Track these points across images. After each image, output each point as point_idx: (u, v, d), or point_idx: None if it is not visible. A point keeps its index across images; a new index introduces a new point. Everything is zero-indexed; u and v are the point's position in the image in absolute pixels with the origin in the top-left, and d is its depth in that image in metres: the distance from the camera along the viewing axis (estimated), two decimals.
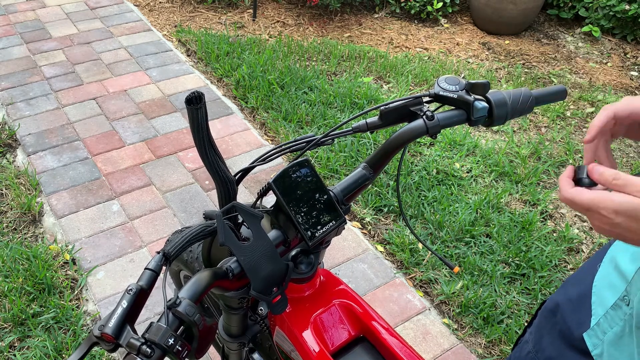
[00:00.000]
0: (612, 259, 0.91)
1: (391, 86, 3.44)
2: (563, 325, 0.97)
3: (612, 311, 0.87)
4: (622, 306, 0.85)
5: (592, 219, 0.69)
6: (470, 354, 1.92)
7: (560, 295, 1.01)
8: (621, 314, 0.85)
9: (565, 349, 0.96)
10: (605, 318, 0.88)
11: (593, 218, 0.69)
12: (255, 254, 0.72)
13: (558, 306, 1.00)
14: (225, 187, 0.80)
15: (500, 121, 0.82)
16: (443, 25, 4.36)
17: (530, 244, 2.32)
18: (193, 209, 2.44)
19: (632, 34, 4.12)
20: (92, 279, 2.10)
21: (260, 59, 3.45)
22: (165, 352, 0.60)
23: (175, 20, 4.13)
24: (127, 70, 3.43)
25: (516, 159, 2.83)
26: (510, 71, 3.76)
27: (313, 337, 0.88)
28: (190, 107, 0.69)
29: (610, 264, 0.91)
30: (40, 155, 2.70)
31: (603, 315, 0.88)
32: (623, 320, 0.84)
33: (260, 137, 2.93)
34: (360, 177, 0.87)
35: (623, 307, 0.85)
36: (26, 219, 2.35)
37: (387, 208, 2.47)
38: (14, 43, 3.63)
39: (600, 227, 0.69)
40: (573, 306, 0.96)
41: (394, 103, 0.81)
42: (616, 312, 0.86)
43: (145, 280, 0.66)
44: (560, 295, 1.02)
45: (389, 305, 2.07)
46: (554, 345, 0.99)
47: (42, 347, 1.83)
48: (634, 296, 0.82)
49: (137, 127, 2.94)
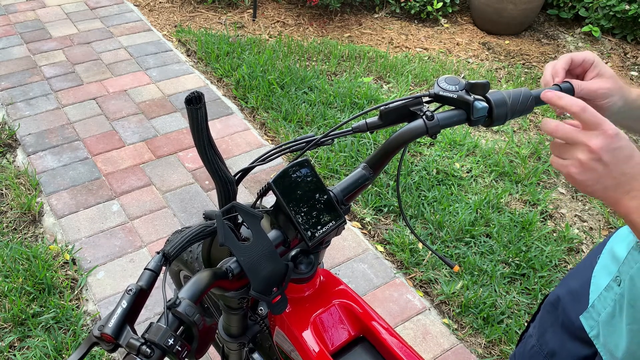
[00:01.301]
0: (610, 249, 0.92)
1: (391, 86, 3.44)
2: (565, 318, 0.99)
3: (605, 292, 0.89)
4: (613, 287, 0.87)
5: (574, 151, 0.67)
6: (470, 354, 1.92)
7: (562, 289, 1.03)
8: (612, 295, 0.87)
9: (567, 341, 0.97)
10: (599, 299, 0.90)
11: (576, 150, 0.67)
12: (255, 254, 0.72)
13: (559, 299, 1.02)
14: (225, 187, 0.80)
15: (500, 121, 0.82)
16: (443, 25, 4.36)
17: (530, 244, 2.32)
18: (193, 209, 2.44)
19: (632, 34, 4.12)
20: (92, 279, 2.10)
21: (260, 59, 3.45)
22: (165, 353, 0.60)
23: (175, 20, 4.13)
24: (127, 70, 3.43)
25: (516, 159, 2.83)
26: (510, 71, 3.76)
27: (313, 337, 0.88)
28: (190, 107, 0.69)
29: (608, 254, 0.92)
30: (40, 155, 2.70)
31: (597, 297, 0.90)
32: (614, 300, 0.86)
33: (260, 137, 2.93)
34: (360, 177, 0.87)
35: (615, 288, 0.87)
36: (26, 219, 2.35)
37: (387, 208, 2.47)
38: (14, 43, 3.63)
39: (578, 163, 0.67)
40: (573, 298, 0.97)
41: (393, 103, 0.81)
42: (608, 293, 0.88)
43: (145, 280, 0.66)
44: (561, 288, 1.04)
45: (389, 305, 2.07)
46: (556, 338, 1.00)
47: (42, 347, 1.83)
48: (625, 275, 0.84)
49: (137, 127, 2.94)
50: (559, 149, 0.70)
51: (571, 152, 0.68)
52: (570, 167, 0.68)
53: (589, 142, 0.65)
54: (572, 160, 0.68)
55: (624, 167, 0.65)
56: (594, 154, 0.65)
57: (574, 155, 0.68)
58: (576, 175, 0.68)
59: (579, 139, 0.66)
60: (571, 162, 0.68)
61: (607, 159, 0.65)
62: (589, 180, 0.67)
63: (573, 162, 0.68)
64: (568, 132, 0.68)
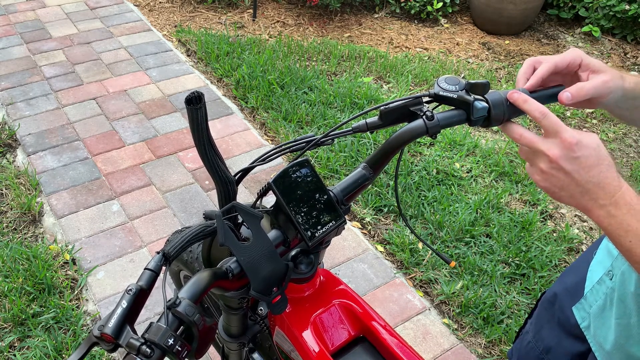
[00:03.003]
0: (606, 245, 0.93)
1: (391, 86, 3.44)
2: (561, 314, 1.00)
3: (597, 285, 0.90)
4: (606, 280, 0.88)
5: (536, 159, 0.67)
6: (470, 354, 1.92)
7: (559, 286, 1.04)
8: (604, 288, 0.88)
9: (563, 338, 0.98)
10: (592, 292, 0.91)
11: (538, 159, 0.67)
12: (255, 254, 0.72)
13: (556, 296, 1.03)
14: (225, 187, 0.80)
15: (497, 122, 0.82)
16: (443, 25, 4.36)
17: (530, 244, 2.32)
18: (193, 209, 2.44)
19: (632, 34, 4.12)
20: (92, 279, 2.10)
21: (260, 59, 3.45)
22: (165, 352, 0.60)
23: (175, 20, 4.13)
24: (127, 70, 3.43)
25: (516, 159, 2.83)
26: (510, 71, 3.76)
27: (313, 337, 0.88)
28: (190, 107, 0.69)
29: (605, 249, 0.93)
30: (40, 155, 2.70)
31: (590, 289, 0.91)
32: (605, 294, 0.87)
33: (260, 137, 2.93)
34: (360, 177, 0.87)
35: (607, 282, 0.87)
36: (26, 219, 2.35)
37: (387, 208, 2.47)
38: (14, 43, 3.63)
39: (539, 171, 0.67)
40: (569, 294, 0.98)
41: (393, 103, 0.81)
42: (601, 286, 0.89)
43: (145, 280, 0.66)
44: (558, 285, 1.05)
45: (389, 305, 2.07)
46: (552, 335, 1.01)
47: (42, 347, 1.83)
48: (617, 270, 0.84)
49: (137, 127, 2.94)
50: (526, 156, 0.70)
51: (534, 160, 0.68)
52: (534, 175, 0.69)
53: (548, 151, 0.66)
54: (535, 168, 0.69)
55: (586, 176, 0.64)
56: (553, 163, 0.65)
57: (536, 163, 0.68)
58: (540, 182, 0.68)
59: (539, 147, 0.67)
60: (534, 170, 0.69)
61: (568, 168, 0.65)
62: (553, 187, 0.67)
63: (536, 169, 0.68)
64: (529, 140, 0.68)
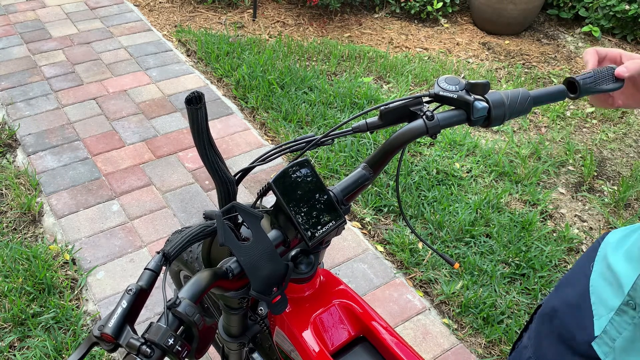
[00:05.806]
0: (604, 257, 0.90)
1: (391, 86, 3.44)
2: (563, 330, 0.96)
3: (617, 317, 0.86)
4: (627, 311, 0.84)
5: None
6: (470, 354, 1.92)
7: (556, 299, 1.00)
8: (628, 319, 0.84)
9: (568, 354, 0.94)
10: (612, 325, 0.87)
11: None
12: (255, 254, 0.72)
13: (556, 311, 0.98)
14: (225, 187, 0.80)
15: (497, 122, 0.82)
16: (443, 25, 4.36)
17: (530, 244, 2.32)
18: (193, 209, 2.44)
19: (632, 34, 4.12)
20: (92, 279, 2.10)
21: (260, 59, 3.45)
22: (165, 352, 0.60)
23: (175, 20, 4.13)
24: (127, 70, 3.43)
25: (516, 159, 2.83)
26: (510, 71, 3.76)
27: (313, 337, 0.88)
28: (190, 107, 0.69)
29: (603, 262, 0.90)
30: (40, 155, 2.70)
31: (609, 322, 0.87)
32: (632, 324, 0.83)
33: (260, 137, 2.93)
34: (360, 177, 0.87)
35: (629, 312, 0.84)
36: (26, 219, 2.35)
37: (387, 208, 2.47)
38: (14, 43, 3.63)
39: None
40: (572, 310, 0.94)
41: (393, 103, 0.81)
42: (622, 317, 0.85)
43: (145, 280, 0.66)
44: (556, 298, 1.00)
45: (389, 305, 2.07)
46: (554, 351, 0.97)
47: (42, 347, 1.83)
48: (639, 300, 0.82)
49: (137, 127, 2.94)
50: None
51: None
52: None
53: None
54: None
55: None
56: None
57: None
58: None
59: None
60: None
61: None
62: None
63: None
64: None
